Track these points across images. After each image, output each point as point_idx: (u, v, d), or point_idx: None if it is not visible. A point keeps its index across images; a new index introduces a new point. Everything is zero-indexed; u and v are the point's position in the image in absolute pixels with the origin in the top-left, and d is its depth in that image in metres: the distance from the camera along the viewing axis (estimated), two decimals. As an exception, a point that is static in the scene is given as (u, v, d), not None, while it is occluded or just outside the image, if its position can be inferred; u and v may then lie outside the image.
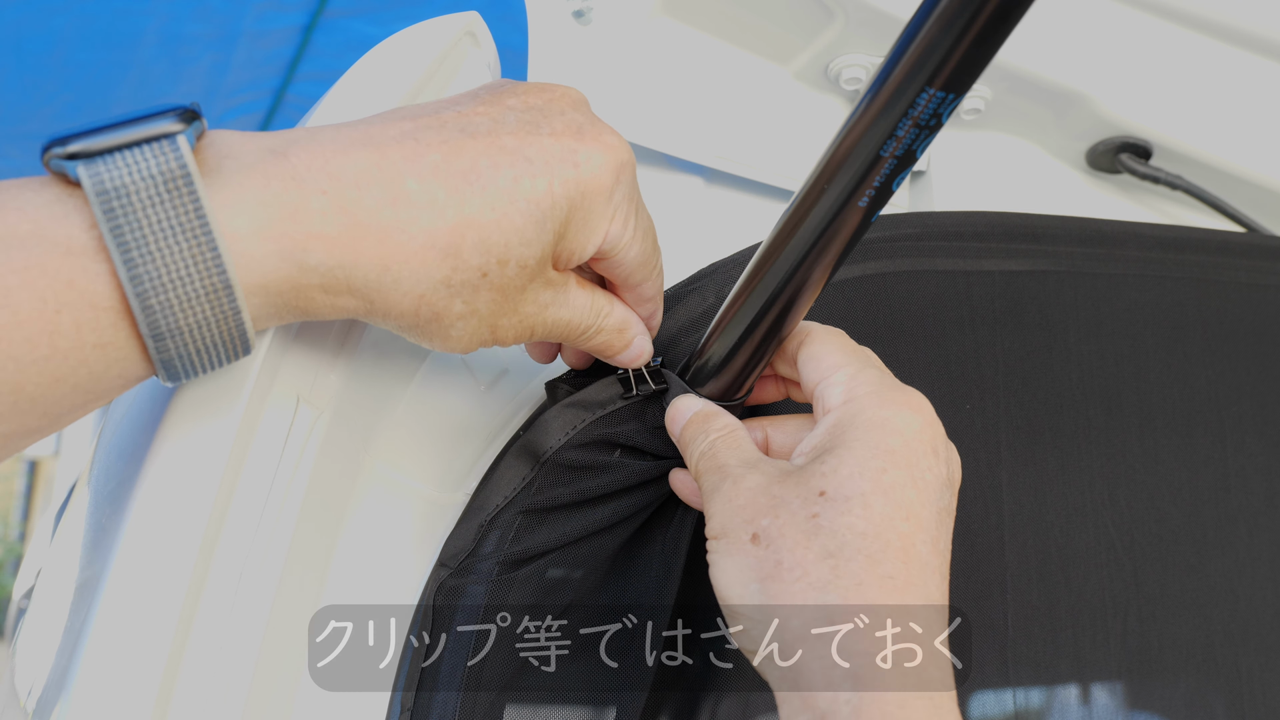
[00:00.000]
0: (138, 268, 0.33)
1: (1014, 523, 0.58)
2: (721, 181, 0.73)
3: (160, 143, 0.33)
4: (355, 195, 0.36)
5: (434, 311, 0.38)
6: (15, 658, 0.70)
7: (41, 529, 1.70)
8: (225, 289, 0.34)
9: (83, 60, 2.04)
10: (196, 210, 0.33)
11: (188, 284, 0.33)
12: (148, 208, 0.33)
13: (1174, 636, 0.60)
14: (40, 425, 0.34)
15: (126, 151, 0.33)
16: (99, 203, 0.32)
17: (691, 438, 0.46)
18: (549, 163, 0.39)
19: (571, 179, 0.40)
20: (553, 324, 0.43)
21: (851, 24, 0.69)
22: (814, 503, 0.39)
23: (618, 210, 0.42)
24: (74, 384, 0.33)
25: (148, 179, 0.33)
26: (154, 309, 0.33)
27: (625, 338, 0.46)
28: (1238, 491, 0.64)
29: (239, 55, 2.18)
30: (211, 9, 2.01)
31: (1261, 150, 0.81)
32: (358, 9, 2.17)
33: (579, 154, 0.40)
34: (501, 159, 0.39)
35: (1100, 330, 0.63)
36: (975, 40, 0.34)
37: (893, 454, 0.40)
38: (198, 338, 0.35)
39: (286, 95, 2.41)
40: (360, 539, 0.48)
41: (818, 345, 0.45)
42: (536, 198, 0.39)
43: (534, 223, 0.39)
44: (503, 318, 0.40)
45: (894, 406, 0.41)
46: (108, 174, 0.32)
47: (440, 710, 0.46)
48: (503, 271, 0.39)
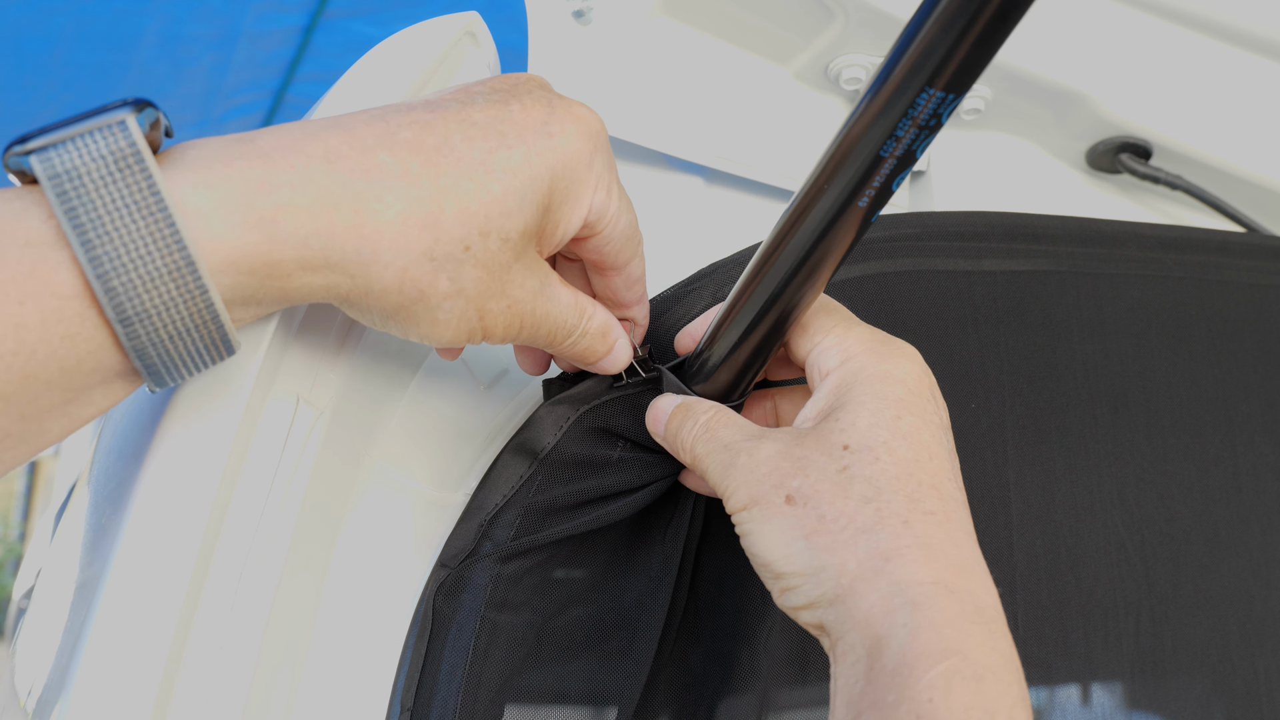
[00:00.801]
0: (95, 249, 0.33)
1: (1022, 522, 0.58)
2: (721, 181, 0.73)
3: (110, 128, 0.33)
4: (325, 168, 0.36)
5: (418, 289, 0.38)
6: (15, 658, 0.70)
7: (41, 529, 1.70)
8: (188, 266, 0.34)
9: (83, 60, 2.04)
10: (150, 187, 0.33)
11: (148, 262, 0.33)
12: (100, 188, 0.33)
13: (1187, 637, 0.60)
14: (20, 430, 0.34)
15: (79, 139, 0.33)
16: (51, 186, 0.32)
17: (679, 427, 0.46)
18: (522, 135, 0.39)
19: (547, 148, 0.40)
20: (541, 317, 0.42)
21: (851, 24, 0.69)
22: (840, 456, 0.40)
23: (599, 180, 0.42)
24: (46, 380, 0.33)
25: (98, 159, 0.33)
26: (116, 290, 0.33)
27: (607, 342, 0.46)
28: (1249, 491, 0.64)
29: (239, 55, 2.18)
30: (211, 9, 2.01)
31: (1261, 150, 0.81)
32: (358, 9, 2.17)
33: (551, 125, 0.40)
34: (474, 132, 0.39)
35: (1104, 330, 0.63)
36: (975, 40, 0.34)
37: (902, 402, 0.42)
38: (167, 321, 0.34)
39: (286, 95, 2.41)
40: (360, 539, 0.48)
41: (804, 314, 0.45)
42: (513, 167, 0.39)
43: (513, 193, 0.39)
44: (490, 300, 0.40)
45: (892, 359, 0.43)
46: (59, 159, 0.33)
47: (440, 710, 0.46)
48: (485, 244, 0.38)
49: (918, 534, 0.39)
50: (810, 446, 0.41)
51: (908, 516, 0.39)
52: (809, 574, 0.39)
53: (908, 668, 0.36)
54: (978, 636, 0.37)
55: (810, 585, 0.39)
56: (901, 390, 0.42)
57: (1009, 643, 0.38)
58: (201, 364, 0.36)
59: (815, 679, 0.52)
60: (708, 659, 0.52)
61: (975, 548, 0.40)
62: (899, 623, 0.37)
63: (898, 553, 0.38)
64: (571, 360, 0.46)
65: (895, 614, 0.37)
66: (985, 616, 0.37)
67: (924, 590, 0.37)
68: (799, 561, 0.39)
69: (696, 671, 0.52)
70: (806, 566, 0.39)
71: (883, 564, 0.38)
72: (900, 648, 0.36)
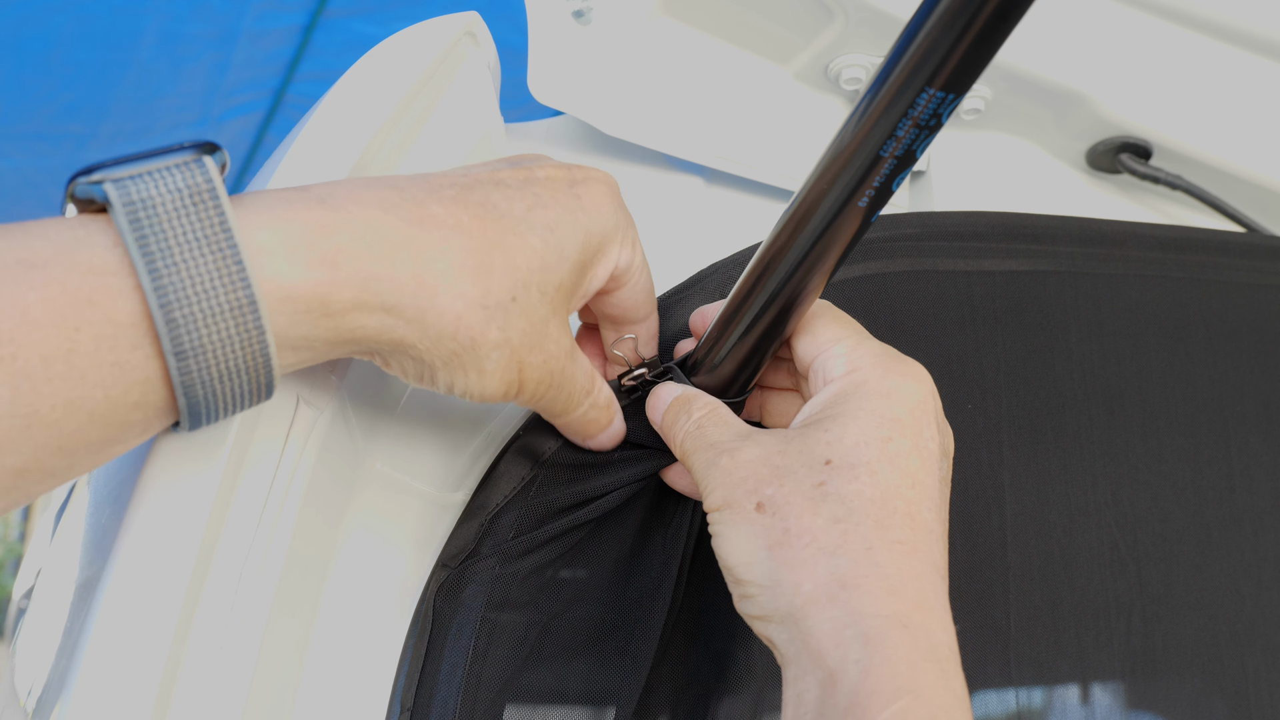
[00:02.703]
0: (163, 279, 0.33)
1: (1016, 523, 0.58)
2: (721, 181, 0.73)
3: (188, 164, 0.34)
4: (382, 216, 0.37)
5: (471, 336, 0.38)
6: (15, 658, 0.70)
7: (41, 529, 1.70)
8: (250, 305, 0.34)
9: (83, 60, 2.04)
10: (222, 223, 0.33)
11: (212, 298, 0.33)
12: (173, 219, 0.33)
13: (1179, 637, 0.60)
14: (54, 465, 0.33)
15: (156, 173, 0.34)
16: (125, 213, 0.33)
17: (674, 420, 0.46)
18: (555, 195, 0.41)
19: (577, 208, 0.41)
20: (567, 379, 0.43)
21: (851, 24, 0.69)
22: (819, 470, 0.40)
23: (625, 236, 0.43)
24: (90, 411, 0.33)
25: (174, 192, 0.33)
26: (177, 322, 0.33)
27: (609, 415, 0.47)
28: (1242, 492, 0.64)
29: (239, 55, 2.18)
30: (211, 9, 2.01)
31: (1261, 150, 0.81)
32: (358, 9, 2.17)
33: (576, 187, 0.42)
34: (510, 193, 0.40)
35: (1102, 330, 0.63)
36: (975, 40, 0.34)
37: (897, 422, 0.41)
38: (221, 359, 0.34)
39: (286, 95, 2.41)
40: (360, 539, 0.48)
41: (812, 320, 0.45)
42: (550, 224, 0.40)
43: (553, 249, 0.40)
44: (531, 353, 0.40)
45: (898, 376, 0.42)
46: (135, 189, 0.33)
47: (440, 710, 0.46)
48: (528, 296, 0.39)
49: (879, 563, 0.38)
50: (792, 455, 0.41)
51: (873, 543, 0.38)
52: (766, 586, 0.39)
53: (860, 707, 0.35)
54: (931, 676, 0.36)
55: (765, 597, 0.39)
56: (900, 410, 0.41)
57: (961, 682, 0.37)
58: (241, 406, 0.36)
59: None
60: (705, 659, 0.52)
61: (939, 583, 0.39)
62: (851, 658, 0.36)
63: (855, 581, 0.37)
64: (574, 429, 0.47)
65: (847, 647, 0.36)
66: (939, 655, 0.37)
67: (878, 624, 0.36)
68: (758, 571, 0.39)
69: (694, 671, 0.52)
70: (764, 578, 0.39)
71: (839, 590, 0.37)
72: (853, 686, 0.35)
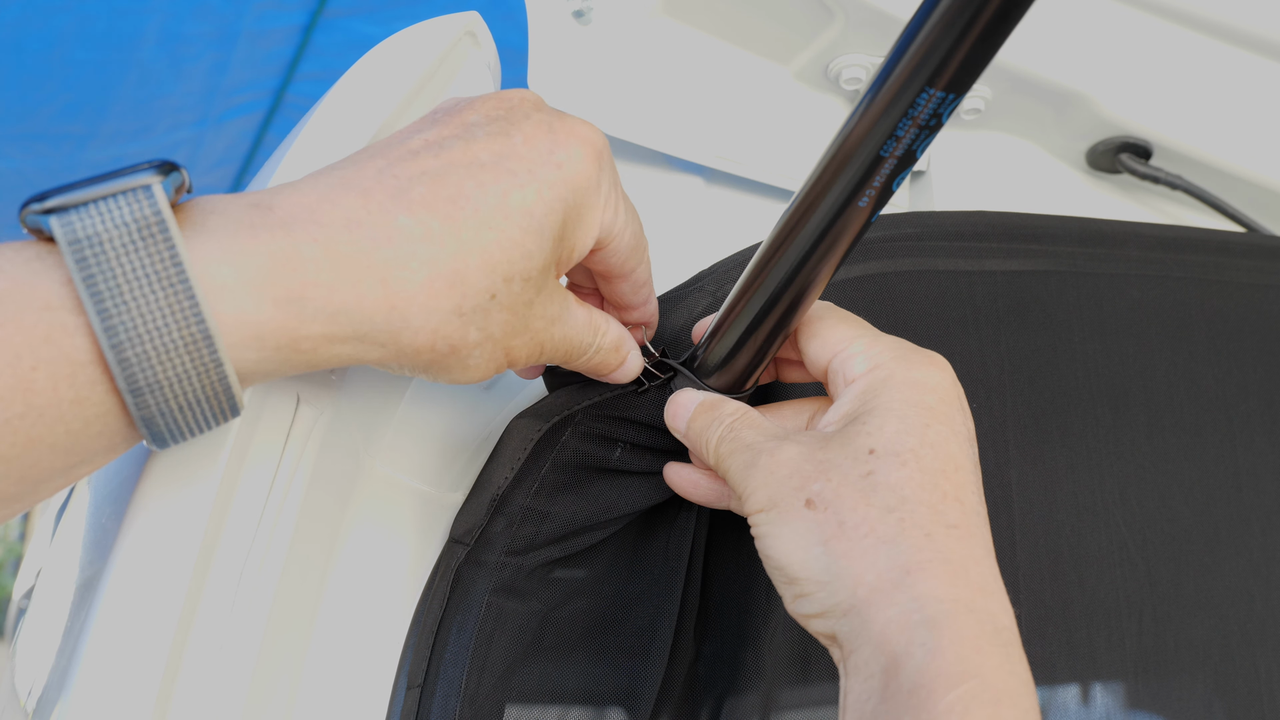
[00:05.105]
0: (112, 319, 0.32)
1: (1024, 522, 0.58)
2: (721, 181, 0.73)
3: (135, 192, 0.32)
4: (347, 238, 0.35)
5: (450, 345, 0.38)
6: (15, 658, 0.70)
7: (41, 529, 1.70)
8: (205, 339, 0.33)
9: (83, 60, 2.04)
10: (173, 258, 0.32)
11: (165, 334, 0.32)
12: (121, 256, 0.32)
13: (1189, 637, 0.60)
14: (17, 491, 0.33)
15: (101, 202, 0.32)
16: (71, 252, 0.31)
17: (704, 426, 0.45)
18: (532, 169, 0.39)
19: (557, 179, 0.39)
20: (559, 341, 0.43)
21: (851, 24, 0.69)
22: (865, 461, 0.39)
23: (607, 200, 0.42)
24: (51, 444, 0.32)
25: (120, 226, 0.32)
26: (130, 361, 0.32)
27: (620, 354, 0.46)
28: (1249, 491, 0.64)
29: (239, 55, 2.18)
30: (211, 9, 2.01)
31: (1261, 150, 0.81)
32: (358, 9, 2.17)
33: (557, 154, 0.40)
34: (484, 176, 0.38)
35: (1104, 330, 0.63)
36: (975, 40, 0.34)
37: (932, 410, 0.41)
38: (179, 392, 0.33)
39: (286, 95, 2.41)
40: (360, 539, 0.48)
41: (819, 323, 0.45)
42: (528, 208, 0.39)
43: (532, 234, 0.39)
44: (515, 338, 0.40)
45: (922, 367, 0.42)
46: (80, 223, 0.32)
47: (440, 710, 0.46)
48: (509, 289, 0.38)
49: (939, 548, 0.38)
50: (834, 450, 0.40)
51: (930, 529, 0.38)
52: (825, 581, 0.38)
53: (925, 689, 0.35)
54: (996, 659, 0.36)
55: (825, 594, 0.38)
56: (932, 399, 0.41)
57: (1025, 666, 0.37)
58: (206, 428, 0.36)
59: (817, 679, 0.52)
60: (712, 659, 0.52)
61: (994, 565, 0.39)
62: (917, 641, 0.36)
63: (919, 567, 0.37)
64: (587, 372, 0.47)
65: (913, 631, 0.36)
66: (1003, 639, 0.37)
67: (944, 608, 0.36)
68: (815, 568, 0.39)
69: (700, 671, 0.52)
70: (823, 573, 0.39)
71: (902, 577, 0.37)
72: (918, 668, 0.35)
